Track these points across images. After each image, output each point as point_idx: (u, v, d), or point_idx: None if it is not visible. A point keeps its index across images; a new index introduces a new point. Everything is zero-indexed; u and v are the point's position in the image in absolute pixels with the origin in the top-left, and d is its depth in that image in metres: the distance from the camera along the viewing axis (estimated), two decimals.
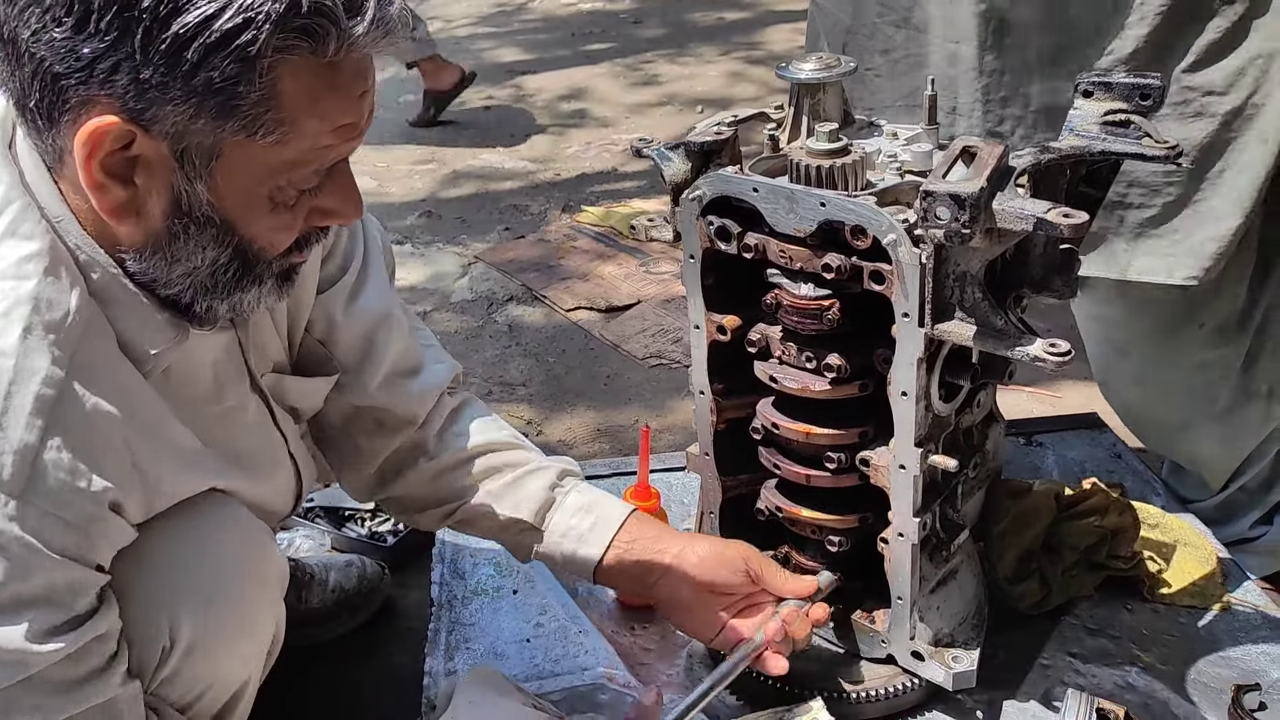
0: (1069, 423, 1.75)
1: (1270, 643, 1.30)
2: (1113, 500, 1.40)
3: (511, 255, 2.92)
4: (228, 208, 0.88)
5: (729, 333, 1.17)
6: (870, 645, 1.22)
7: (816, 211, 1.03)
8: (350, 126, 0.89)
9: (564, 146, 3.76)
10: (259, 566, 1.08)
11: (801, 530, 1.21)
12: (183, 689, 1.03)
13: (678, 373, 2.36)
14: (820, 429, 1.14)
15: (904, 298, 1.01)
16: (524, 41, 5.01)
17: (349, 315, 1.21)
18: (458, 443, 1.27)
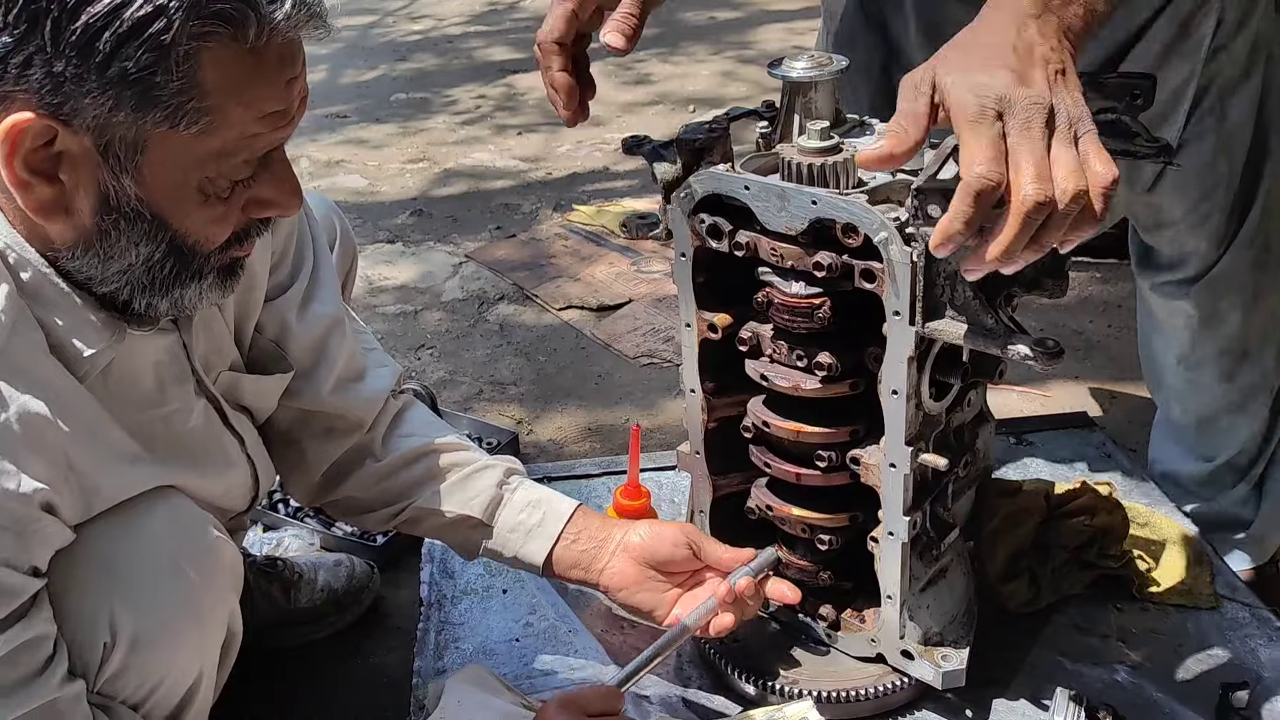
0: (1059, 422, 1.75)
1: (1258, 641, 1.30)
2: (1102, 499, 1.40)
3: (503, 254, 2.91)
4: (157, 201, 0.87)
5: (720, 331, 1.17)
6: (860, 644, 1.22)
7: (808, 210, 1.03)
8: (279, 114, 0.87)
9: (555, 145, 3.75)
10: (201, 556, 1.04)
11: (792, 529, 1.21)
12: (133, 685, 1.01)
13: (669, 372, 2.36)
14: (811, 427, 1.14)
15: (895, 296, 1.01)
16: (516, 40, 5.00)
17: (302, 321, 1.21)
18: (403, 444, 1.28)
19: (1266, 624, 1.33)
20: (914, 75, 0.89)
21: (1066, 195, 0.80)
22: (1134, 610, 1.36)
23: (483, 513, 1.25)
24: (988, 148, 0.82)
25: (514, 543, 1.24)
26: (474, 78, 4.48)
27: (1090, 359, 2.35)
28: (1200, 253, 1.44)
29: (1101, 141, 0.85)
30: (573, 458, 2.05)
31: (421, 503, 1.25)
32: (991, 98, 0.82)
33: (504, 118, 4.04)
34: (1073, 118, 0.83)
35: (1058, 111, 0.83)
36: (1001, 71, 0.83)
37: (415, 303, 2.69)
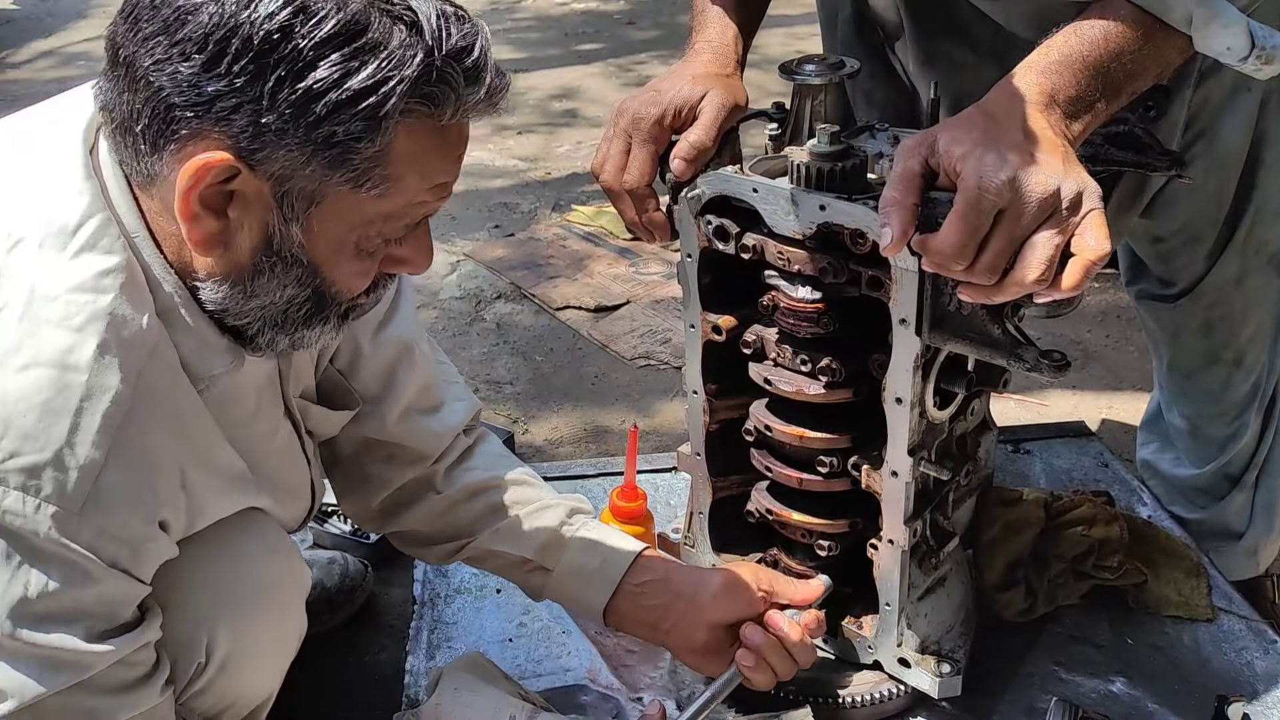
0: (1057, 431, 1.76)
1: (1254, 654, 1.30)
2: (1101, 510, 1.40)
3: (500, 253, 2.90)
4: (317, 251, 0.89)
5: (724, 333, 1.17)
6: (858, 651, 1.21)
7: (816, 214, 1.02)
8: (445, 185, 0.91)
9: (555, 145, 3.74)
10: (291, 581, 1.09)
11: (791, 534, 1.20)
12: (211, 702, 1.04)
13: (666, 374, 2.35)
14: (814, 433, 1.13)
15: (901, 304, 1.00)
16: (516, 40, 5.00)
17: (375, 346, 1.21)
18: (467, 478, 1.27)
19: (1262, 636, 1.32)
20: (912, 141, 0.92)
21: (1025, 280, 0.87)
22: (1130, 621, 1.35)
23: (541, 555, 1.22)
24: (966, 234, 0.87)
25: (573, 588, 1.22)
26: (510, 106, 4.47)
27: (1088, 369, 2.35)
28: (1190, 267, 1.44)
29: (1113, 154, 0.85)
30: (568, 458, 2.04)
31: (482, 541, 1.24)
32: (996, 184, 0.85)
33: (503, 117, 4.03)
34: (1075, 199, 0.86)
35: (1063, 195, 0.86)
36: (1010, 155, 0.86)
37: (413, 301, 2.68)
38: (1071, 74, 0.93)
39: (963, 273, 0.89)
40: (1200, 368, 1.51)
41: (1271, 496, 1.59)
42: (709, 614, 1.16)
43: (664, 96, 1.11)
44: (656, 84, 1.14)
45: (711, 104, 1.11)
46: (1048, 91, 0.92)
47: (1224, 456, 1.56)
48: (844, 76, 1.11)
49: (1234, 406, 1.53)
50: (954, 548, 1.20)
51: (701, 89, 1.11)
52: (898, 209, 0.90)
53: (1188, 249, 1.42)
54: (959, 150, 0.88)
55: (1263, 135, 1.35)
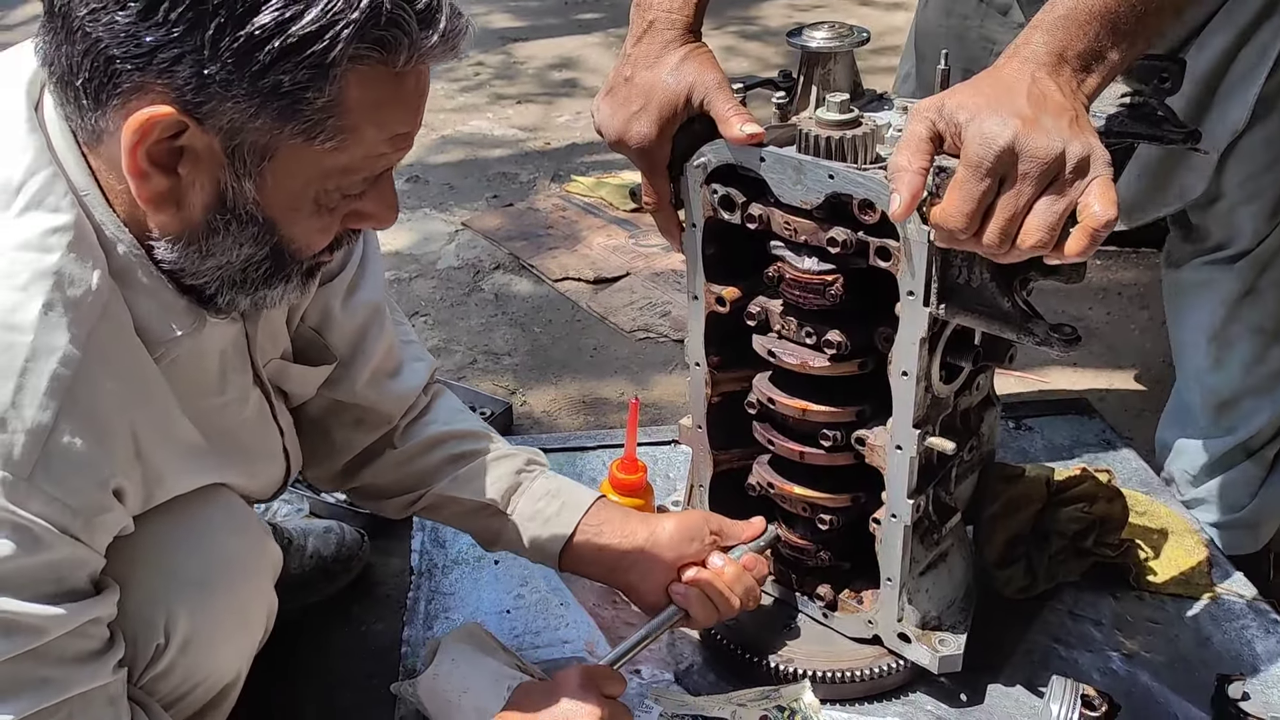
0: (1058, 407, 1.75)
1: (1254, 632, 1.30)
2: (1102, 487, 1.39)
3: (499, 223, 2.88)
4: (272, 207, 0.86)
5: (728, 304, 1.15)
6: (857, 625, 1.21)
7: (824, 184, 1.01)
8: (405, 136, 0.88)
9: (554, 115, 3.71)
10: (255, 560, 1.06)
11: (792, 507, 1.20)
12: (174, 684, 1.02)
13: (665, 346, 2.34)
14: (817, 406, 1.12)
15: (910, 275, 0.99)
16: (516, 8, 4.94)
17: (346, 309, 1.19)
18: (426, 431, 1.27)
19: (1263, 615, 1.32)
20: (922, 104, 0.91)
21: (1029, 245, 0.86)
22: (1130, 598, 1.35)
23: (500, 500, 1.23)
24: (968, 204, 0.86)
25: (531, 531, 1.22)
26: (473, 44, 4.40)
27: (1088, 346, 2.34)
28: (1251, 228, 1.43)
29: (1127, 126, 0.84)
30: (566, 430, 2.03)
31: (439, 489, 1.24)
32: (995, 151, 0.84)
33: (502, 86, 3.99)
34: (1081, 163, 0.85)
35: (1067, 159, 0.84)
36: (1013, 120, 0.85)
37: (409, 270, 2.65)
38: (1079, 27, 0.90)
39: (969, 242, 0.89)
40: (1232, 334, 1.49)
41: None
42: (667, 552, 1.18)
43: (650, 110, 1.06)
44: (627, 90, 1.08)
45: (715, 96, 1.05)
46: (1056, 50, 0.90)
47: (1245, 430, 1.54)
48: (854, 44, 1.09)
49: (1266, 379, 1.51)
50: (956, 523, 1.20)
51: (685, 82, 1.06)
52: (905, 174, 0.89)
53: (1249, 207, 1.41)
54: (963, 116, 0.87)
55: None
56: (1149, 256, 2.62)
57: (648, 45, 1.08)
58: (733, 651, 1.23)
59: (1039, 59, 0.90)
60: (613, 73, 1.11)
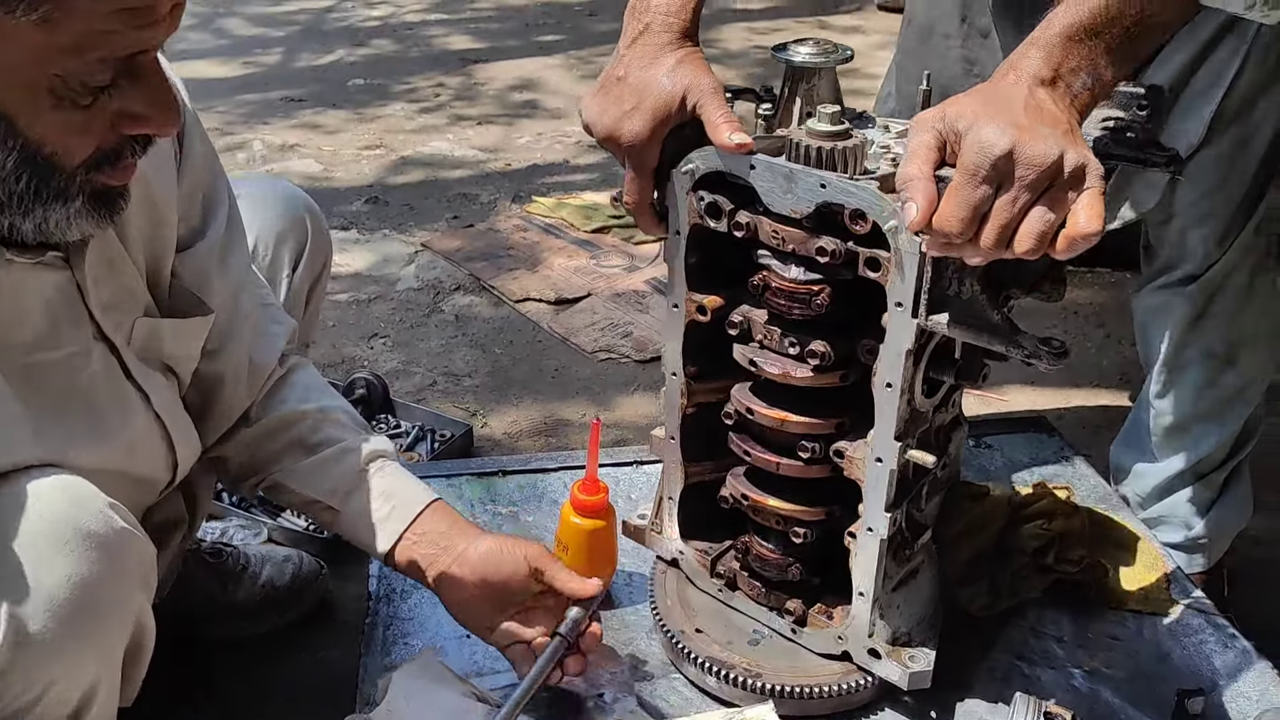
0: (1017, 425, 1.76)
1: (1213, 647, 1.31)
2: (1061, 504, 1.40)
3: (459, 244, 2.86)
4: (3, 102, 0.79)
5: (709, 313, 1.14)
6: (826, 641, 1.20)
7: (815, 193, 1.00)
8: (139, 11, 0.79)
9: (515, 136, 3.70)
10: (102, 545, 0.91)
11: (765, 520, 1.19)
12: (17, 689, 0.89)
13: (626, 367, 2.33)
14: (797, 416, 1.11)
15: (899, 286, 0.98)
16: (476, 30, 4.94)
17: (222, 271, 1.15)
18: (276, 410, 1.24)
19: (1221, 630, 1.33)
20: (925, 115, 0.93)
21: (1020, 251, 0.88)
22: (1091, 615, 1.36)
23: (333, 499, 1.21)
24: (964, 209, 0.88)
25: (359, 532, 1.22)
26: (433, 66, 4.41)
27: None
28: (1202, 250, 1.44)
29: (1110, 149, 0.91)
30: (527, 451, 2.02)
31: (280, 477, 1.22)
32: (991, 158, 0.86)
33: (463, 107, 3.98)
34: (1076, 171, 0.87)
35: (1064, 166, 0.86)
36: (1010, 128, 0.87)
37: (369, 291, 2.63)
38: (1074, 45, 0.93)
39: (965, 247, 0.90)
40: (1187, 358, 1.51)
41: (1234, 498, 1.61)
42: (473, 570, 1.16)
43: (643, 109, 1.05)
44: (619, 89, 1.07)
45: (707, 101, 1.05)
46: (1052, 66, 0.92)
47: (1195, 454, 1.56)
48: (837, 61, 1.09)
49: (1218, 404, 1.53)
50: (926, 540, 1.20)
51: (680, 85, 1.05)
52: (919, 182, 0.89)
53: (1200, 228, 1.43)
54: (962, 124, 0.89)
55: None
56: (1104, 276, 2.66)
57: (643, 47, 1.07)
58: (697, 666, 1.22)
59: (1036, 73, 0.92)
60: (604, 72, 1.10)
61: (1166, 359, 1.53)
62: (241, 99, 3.97)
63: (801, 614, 1.21)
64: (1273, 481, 2.02)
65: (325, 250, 1.49)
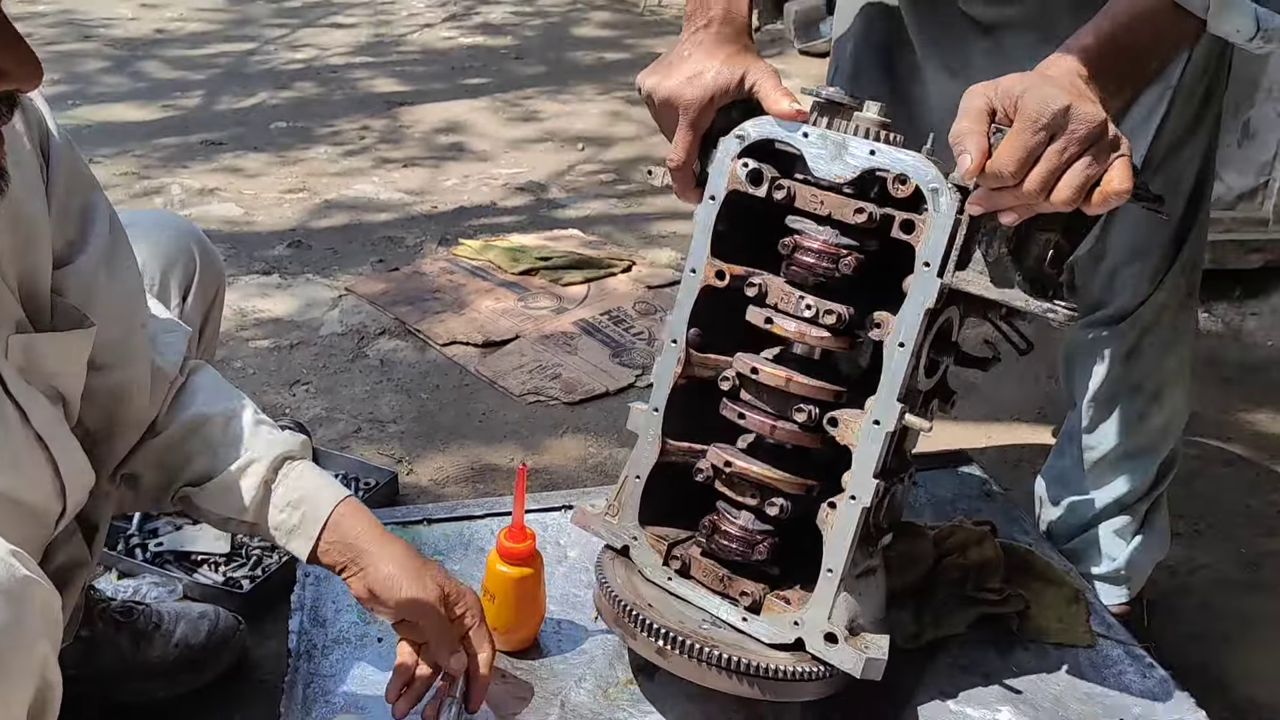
0: (940, 460, 1.78)
1: (1132, 678, 1.33)
2: (973, 534, 1.42)
3: (384, 287, 2.83)
4: None
5: (727, 277, 1.18)
6: (780, 627, 1.18)
7: (864, 160, 1.09)
8: None
9: (441, 179, 3.69)
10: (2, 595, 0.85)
11: (740, 494, 1.19)
12: None
13: (555, 410, 2.32)
14: (801, 377, 1.15)
15: (930, 247, 1.06)
16: (401, 73, 4.93)
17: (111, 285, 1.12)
18: (180, 416, 1.22)
19: (1140, 661, 1.36)
20: (976, 87, 1.04)
21: (1059, 199, 0.99)
22: (1014, 650, 1.37)
23: (246, 515, 1.20)
24: (1020, 151, 0.98)
25: (279, 541, 1.21)
26: (358, 108, 4.39)
27: (968, 399, 2.40)
28: (1132, 288, 1.50)
29: None
30: (455, 498, 1.99)
31: (191, 495, 1.21)
32: (1052, 109, 0.97)
33: (388, 150, 3.96)
34: (1115, 138, 1.00)
35: (1108, 130, 0.99)
36: (1065, 92, 0.98)
37: (291, 337, 2.58)
38: (1105, 56, 1.05)
39: (1011, 191, 0.99)
40: (1118, 394, 1.56)
41: (1154, 531, 1.65)
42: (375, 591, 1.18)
43: (706, 79, 1.16)
44: (684, 64, 1.18)
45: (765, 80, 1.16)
46: (1088, 67, 1.04)
47: (1120, 488, 1.60)
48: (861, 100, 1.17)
49: (1146, 439, 1.58)
50: (885, 544, 1.22)
51: (740, 68, 1.17)
52: (973, 135, 1.00)
53: (1132, 268, 1.49)
54: (1019, 88, 0.99)
55: (1209, 169, 1.47)
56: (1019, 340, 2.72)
57: (706, 36, 1.19)
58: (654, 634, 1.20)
59: (1075, 69, 1.04)
60: (665, 55, 1.21)
61: (1096, 395, 1.57)
62: (160, 142, 3.91)
63: (758, 597, 1.19)
64: (1180, 511, 2.08)
65: (217, 280, 1.46)
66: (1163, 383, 1.55)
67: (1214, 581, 1.99)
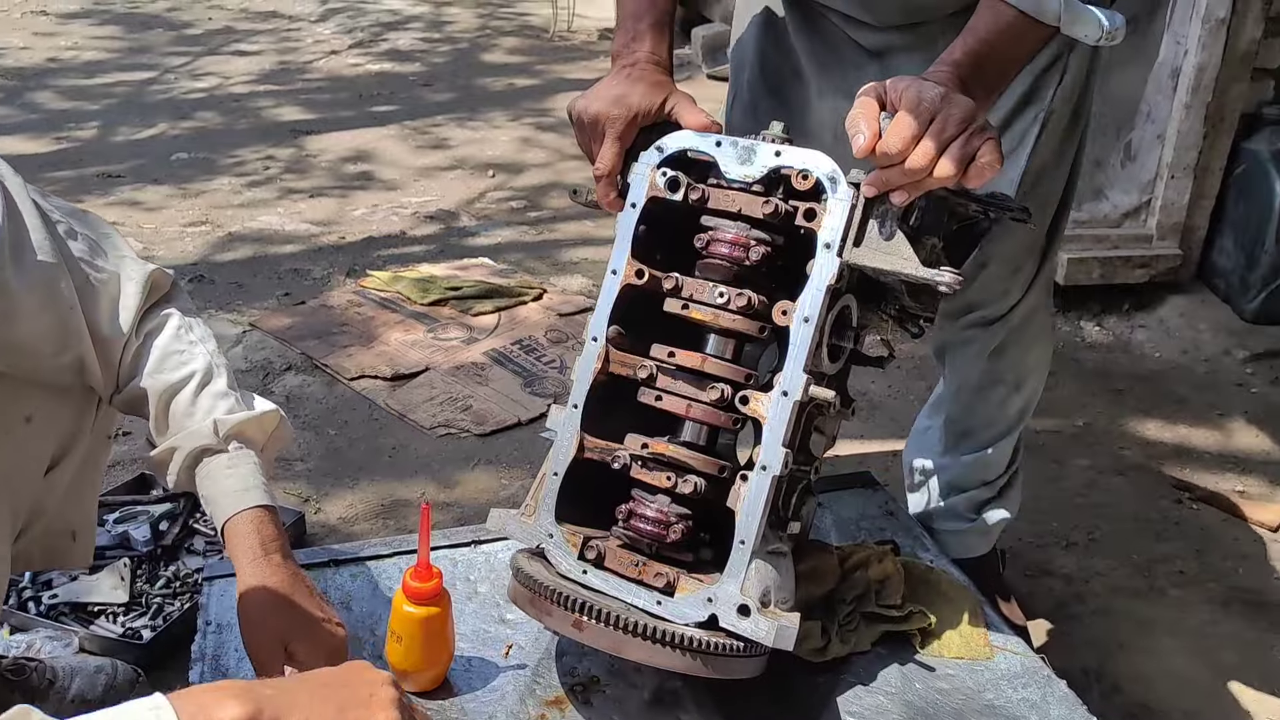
0: (844, 481, 1.81)
1: (1029, 690, 1.37)
2: (875, 551, 1.46)
3: (290, 322, 2.79)
4: None
5: (646, 275, 1.26)
6: (694, 605, 1.19)
7: (770, 160, 1.21)
8: None
9: (349, 209, 3.65)
10: None
11: (655, 479, 1.22)
12: None
13: (467, 442, 2.31)
14: (715, 359, 1.23)
15: (829, 229, 1.17)
16: (307, 101, 4.87)
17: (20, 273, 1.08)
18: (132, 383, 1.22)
19: (1036, 672, 1.40)
20: (868, 86, 1.16)
21: (941, 174, 1.12)
22: (916, 667, 1.40)
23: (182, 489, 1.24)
24: (906, 130, 1.11)
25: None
26: (262, 138, 4.32)
27: (873, 419, 2.46)
28: (1005, 293, 1.66)
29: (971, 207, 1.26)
30: (364, 536, 1.96)
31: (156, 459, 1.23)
32: (930, 97, 1.11)
33: (294, 180, 3.91)
34: (985, 124, 1.14)
35: (977, 117, 1.12)
36: (943, 86, 1.13)
37: None
38: (973, 67, 1.20)
39: (900, 169, 1.12)
40: (986, 384, 1.74)
41: (1010, 495, 1.86)
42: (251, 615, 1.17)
43: (631, 101, 1.30)
44: (611, 90, 1.31)
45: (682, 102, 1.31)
46: (959, 77, 1.18)
47: (985, 458, 1.79)
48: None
49: (1006, 419, 1.77)
50: (794, 534, 1.26)
51: (661, 94, 1.31)
52: (866, 120, 1.13)
53: (1010, 277, 1.65)
54: (903, 84, 1.14)
55: (1076, 179, 1.63)
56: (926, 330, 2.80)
57: (632, 71, 1.33)
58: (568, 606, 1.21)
59: (949, 76, 1.18)
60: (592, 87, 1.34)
61: (965, 384, 1.76)
62: (53, 176, 3.80)
63: (672, 579, 1.20)
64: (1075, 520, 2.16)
65: None
66: (1024, 375, 1.73)
67: (1110, 588, 2.07)
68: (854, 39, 1.53)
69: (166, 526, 1.92)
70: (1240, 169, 3.08)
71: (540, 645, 1.40)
